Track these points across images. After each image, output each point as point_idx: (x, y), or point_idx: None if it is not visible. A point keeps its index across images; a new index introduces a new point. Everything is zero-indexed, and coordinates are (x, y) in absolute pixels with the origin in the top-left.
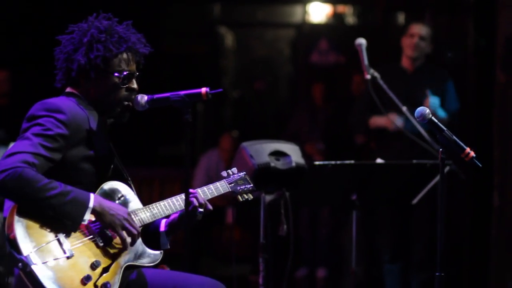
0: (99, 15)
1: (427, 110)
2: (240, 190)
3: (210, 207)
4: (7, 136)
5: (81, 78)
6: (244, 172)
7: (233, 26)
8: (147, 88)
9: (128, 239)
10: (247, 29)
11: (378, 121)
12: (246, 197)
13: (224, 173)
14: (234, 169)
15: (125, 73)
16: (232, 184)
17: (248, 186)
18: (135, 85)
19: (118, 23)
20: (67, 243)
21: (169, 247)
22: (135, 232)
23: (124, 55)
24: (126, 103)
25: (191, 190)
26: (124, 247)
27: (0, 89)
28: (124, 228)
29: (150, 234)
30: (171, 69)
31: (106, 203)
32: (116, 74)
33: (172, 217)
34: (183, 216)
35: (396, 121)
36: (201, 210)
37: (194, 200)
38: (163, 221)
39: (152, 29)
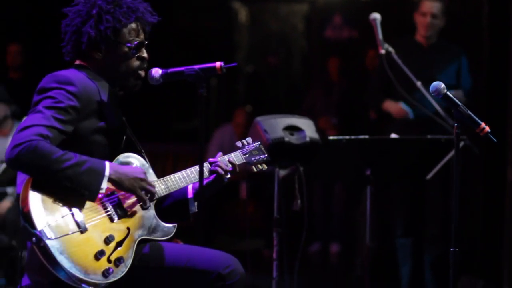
0: None
1: (442, 85)
2: (255, 160)
3: (238, 169)
4: (20, 111)
5: (91, 51)
6: (259, 142)
7: (246, 1)
8: (161, 63)
9: (148, 199)
10: (261, 4)
11: (389, 106)
12: (261, 167)
13: (238, 143)
14: (249, 139)
15: (135, 42)
16: (247, 155)
17: (263, 156)
18: (145, 54)
19: None
20: (81, 217)
21: (196, 210)
22: (154, 190)
23: (133, 25)
24: (139, 71)
25: (212, 160)
26: (144, 205)
27: (13, 62)
28: (144, 188)
29: (177, 201)
30: (185, 44)
31: (121, 169)
32: (126, 44)
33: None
34: (211, 183)
35: (407, 113)
36: (228, 176)
37: (219, 169)
38: (190, 187)
39: (166, 4)
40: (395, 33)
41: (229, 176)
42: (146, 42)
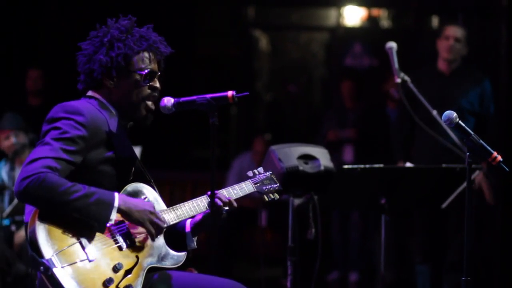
0: (118, 19)
1: (454, 114)
2: (266, 189)
3: (235, 204)
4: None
5: (104, 79)
6: (270, 172)
7: (267, 29)
8: (181, 90)
9: (156, 233)
10: (281, 32)
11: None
12: (272, 196)
13: (250, 173)
14: (260, 169)
15: (146, 71)
16: (258, 184)
17: (274, 185)
18: (157, 84)
19: (138, 24)
20: (89, 246)
21: (195, 247)
22: (163, 225)
23: (145, 54)
24: (149, 102)
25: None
26: (152, 240)
27: (33, 87)
28: (152, 222)
29: (175, 235)
30: (205, 71)
31: (131, 201)
32: (138, 72)
33: (196, 217)
34: (207, 217)
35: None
36: (226, 208)
37: (218, 200)
38: (188, 222)
39: (186, 31)
40: (415, 62)
41: (227, 208)
42: (159, 73)
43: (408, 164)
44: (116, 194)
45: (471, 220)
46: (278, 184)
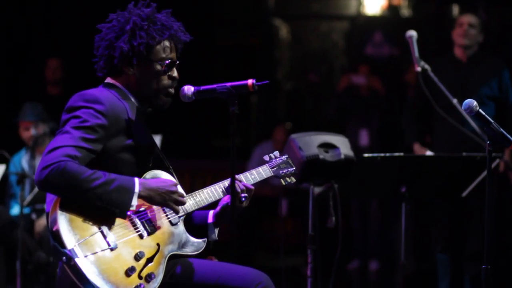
0: (138, 3)
1: (475, 103)
2: (283, 173)
3: (251, 187)
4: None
5: (123, 66)
6: (286, 155)
7: (287, 18)
8: (202, 80)
9: (181, 207)
10: (302, 21)
11: (416, 151)
12: (289, 180)
13: (266, 157)
14: (276, 153)
15: (167, 61)
16: (275, 168)
17: (291, 169)
18: (175, 74)
19: (157, 10)
20: (110, 235)
21: (216, 238)
22: (185, 200)
23: (166, 43)
24: (169, 89)
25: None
26: (176, 213)
27: (52, 77)
28: (174, 201)
29: (197, 226)
30: (225, 61)
31: (151, 184)
32: (159, 62)
33: (218, 208)
34: (227, 206)
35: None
36: (244, 195)
37: (236, 187)
38: (211, 213)
39: (207, 21)
40: (436, 51)
41: (246, 195)
42: (178, 62)
43: (429, 153)
44: (136, 180)
45: (491, 209)
46: (294, 168)
